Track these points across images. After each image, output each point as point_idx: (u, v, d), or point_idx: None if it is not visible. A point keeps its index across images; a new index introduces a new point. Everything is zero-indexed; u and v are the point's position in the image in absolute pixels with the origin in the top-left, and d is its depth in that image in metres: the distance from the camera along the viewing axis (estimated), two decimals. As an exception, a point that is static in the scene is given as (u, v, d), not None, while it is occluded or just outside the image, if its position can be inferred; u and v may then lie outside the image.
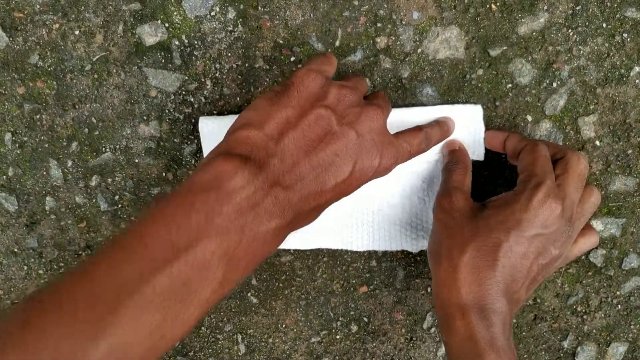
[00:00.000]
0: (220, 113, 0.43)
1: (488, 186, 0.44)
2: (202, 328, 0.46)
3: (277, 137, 0.30)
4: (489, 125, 0.43)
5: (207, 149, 0.42)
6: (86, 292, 0.24)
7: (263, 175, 0.28)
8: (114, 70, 0.42)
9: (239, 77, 0.42)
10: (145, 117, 0.43)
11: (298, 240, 0.44)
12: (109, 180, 0.44)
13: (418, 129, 0.38)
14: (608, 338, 0.48)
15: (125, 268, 0.24)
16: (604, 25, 0.41)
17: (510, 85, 0.42)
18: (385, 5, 0.41)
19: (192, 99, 0.42)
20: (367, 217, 0.44)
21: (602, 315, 0.47)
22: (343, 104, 0.33)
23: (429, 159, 0.42)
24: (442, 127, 0.40)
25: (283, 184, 0.29)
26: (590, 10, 0.41)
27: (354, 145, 0.32)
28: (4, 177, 0.44)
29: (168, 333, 0.25)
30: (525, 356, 0.47)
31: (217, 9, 0.41)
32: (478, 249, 0.35)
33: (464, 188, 0.39)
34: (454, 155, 0.41)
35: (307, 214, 0.31)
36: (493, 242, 0.35)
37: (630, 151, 0.44)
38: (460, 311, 0.34)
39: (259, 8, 0.41)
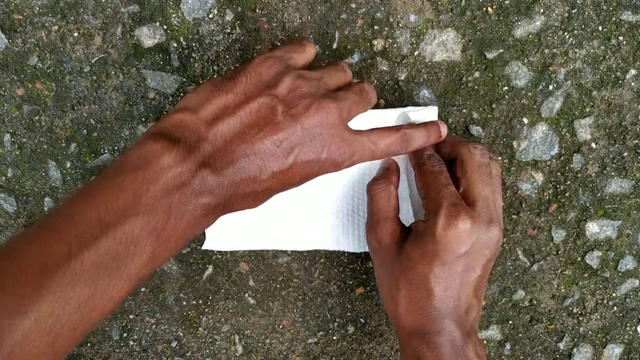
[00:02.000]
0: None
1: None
2: (200, 329, 0.47)
3: (210, 122, 0.30)
4: (485, 128, 0.43)
5: None
6: (14, 268, 0.25)
7: (192, 157, 0.28)
8: (113, 72, 0.42)
9: (237, 79, 0.42)
10: (143, 119, 0.43)
11: (295, 241, 0.44)
12: (108, 181, 0.44)
13: (395, 129, 0.36)
14: (604, 339, 0.48)
15: (52, 245, 0.25)
16: (600, 28, 0.42)
17: (506, 87, 0.43)
18: (383, 8, 0.41)
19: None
20: (362, 219, 0.44)
21: (598, 316, 0.47)
22: (294, 95, 0.32)
23: None
24: (428, 130, 0.38)
25: (213, 166, 0.29)
26: (586, 13, 0.41)
27: (297, 138, 0.31)
28: (3, 178, 0.44)
29: (98, 306, 0.26)
30: (521, 357, 0.48)
31: (215, 12, 0.41)
32: (410, 284, 0.35)
33: (389, 215, 0.38)
34: (379, 174, 0.40)
35: (242, 198, 0.31)
36: (420, 275, 0.35)
37: (626, 153, 0.44)
38: (408, 338, 0.36)
39: (257, 10, 0.41)
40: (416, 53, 0.42)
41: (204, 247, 0.43)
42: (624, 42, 0.42)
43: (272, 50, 0.35)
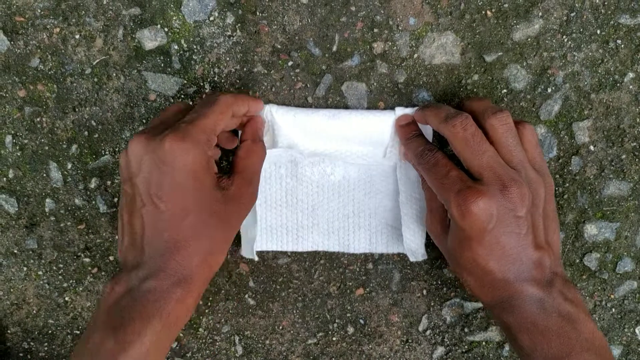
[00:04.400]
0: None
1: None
2: (200, 329, 0.47)
3: (121, 246, 0.35)
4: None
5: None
6: None
7: (124, 273, 0.34)
8: (114, 74, 0.42)
9: (238, 81, 0.43)
10: (144, 121, 0.43)
11: (296, 242, 0.44)
12: (108, 182, 0.44)
13: (205, 104, 0.36)
14: (602, 341, 0.48)
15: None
16: (598, 31, 0.42)
17: (505, 90, 0.43)
18: (382, 11, 0.41)
19: (191, 103, 0.43)
20: (363, 221, 0.44)
21: (597, 318, 0.47)
22: (124, 169, 0.35)
23: None
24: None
25: (139, 265, 0.33)
26: (585, 17, 0.42)
27: (142, 186, 0.33)
28: (5, 179, 0.44)
29: None
30: (519, 359, 0.48)
31: (216, 14, 0.41)
32: (466, 269, 0.36)
33: (435, 205, 0.39)
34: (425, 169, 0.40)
35: (177, 259, 0.33)
36: (469, 260, 0.35)
37: (624, 156, 0.44)
38: (492, 311, 0.37)
39: (257, 13, 0.41)
40: (415, 56, 0.42)
41: (242, 254, 0.43)
42: (622, 46, 0.42)
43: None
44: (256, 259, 0.42)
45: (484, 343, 0.47)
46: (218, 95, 0.36)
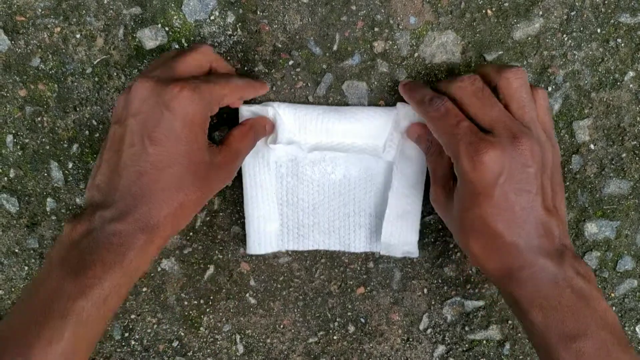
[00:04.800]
0: (219, 115, 0.43)
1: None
2: (201, 328, 0.47)
3: (92, 183, 0.34)
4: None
5: None
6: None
7: (86, 212, 0.33)
8: (115, 74, 0.42)
9: (238, 80, 0.43)
10: (145, 120, 0.43)
11: (297, 241, 0.44)
12: (109, 181, 0.44)
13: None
14: (602, 339, 0.48)
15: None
16: (599, 30, 0.42)
17: (505, 89, 0.43)
18: (383, 10, 0.41)
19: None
20: (364, 220, 0.44)
21: (597, 316, 0.47)
22: (119, 109, 0.34)
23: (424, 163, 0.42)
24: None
25: (104, 205, 0.32)
26: (585, 15, 0.42)
27: (136, 127, 0.33)
28: (6, 178, 0.44)
29: (40, 345, 0.29)
30: (520, 357, 0.48)
31: (217, 13, 0.41)
32: (474, 231, 0.34)
33: (438, 174, 0.39)
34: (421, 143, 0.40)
35: (146, 207, 0.32)
36: (478, 219, 0.34)
37: (624, 154, 0.44)
38: (500, 284, 0.35)
39: (258, 12, 0.41)
40: (416, 55, 0.42)
41: (248, 252, 0.43)
42: (622, 44, 0.42)
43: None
44: (263, 252, 0.43)
45: (484, 342, 0.48)
46: (233, 75, 0.37)
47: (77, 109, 0.43)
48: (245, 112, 0.40)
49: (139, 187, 0.32)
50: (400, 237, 0.43)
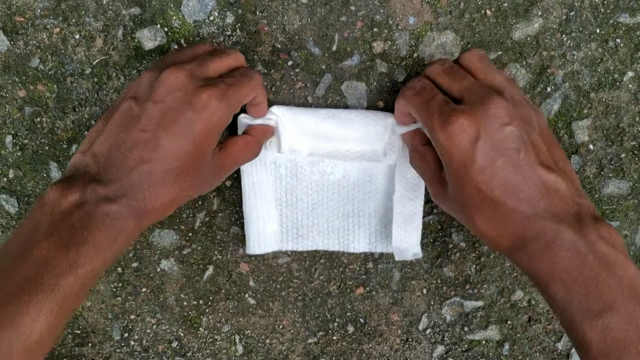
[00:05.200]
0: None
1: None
2: (200, 329, 0.47)
3: (88, 148, 0.33)
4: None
5: None
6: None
7: (78, 181, 0.32)
8: (114, 74, 0.42)
9: (237, 81, 0.43)
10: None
11: (296, 242, 0.44)
12: (109, 182, 0.44)
13: (245, 75, 0.36)
14: (602, 339, 0.48)
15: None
16: (598, 30, 0.42)
17: (505, 89, 0.43)
18: (382, 11, 0.41)
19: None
20: (363, 220, 0.44)
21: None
22: (141, 87, 0.34)
23: None
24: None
25: (99, 179, 0.32)
26: (584, 16, 0.42)
27: (156, 114, 0.32)
28: (5, 179, 0.44)
29: (26, 324, 0.29)
30: (520, 357, 0.48)
31: (216, 14, 0.41)
32: (474, 206, 0.33)
33: (427, 170, 0.37)
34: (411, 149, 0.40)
35: (144, 194, 0.32)
36: (473, 192, 0.32)
37: (623, 155, 0.44)
38: (516, 259, 0.33)
39: (257, 13, 0.41)
40: (415, 55, 0.42)
41: (247, 252, 0.43)
42: (622, 45, 0.42)
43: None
44: (262, 252, 0.43)
45: (484, 342, 0.48)
46: (255, 72, 0.37)
47: (77, 110, 0.43)
48: (244, 120, 0.40)
49: (139, 174, 0.32)
50: (410, 240, 0.43)
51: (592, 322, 0.29)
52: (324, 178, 0.43)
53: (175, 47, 0.42)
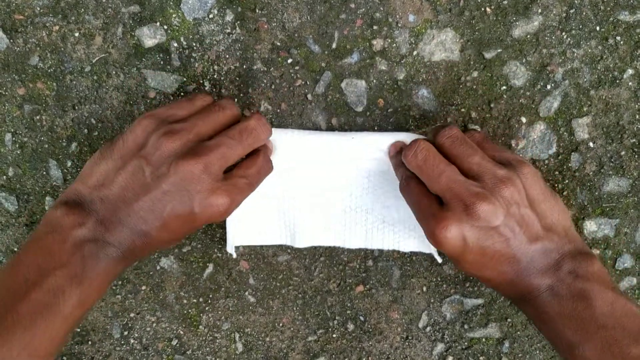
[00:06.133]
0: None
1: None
2: (200, 327, 0.47)
3: (98, 188, 0.35)
4: (483, 127, 0.44)
5: None
6: None
7: (89, 218, 0.34)
8: (113, 72, 0.42)
9: (237, 78, 0.43)
10: (144, 118, 0.43)
11: (293, 237, 0.44)
12: (108, 180, 0.44)
13: (255, 156, 0.38)
14: (602, 337, 0.48)
15: None
16: (598, 28, 0.42)
17: (504, 87, 0.43)
18: (382, 8, 0.41)
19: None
20: (360, 216, 0.44)
21: (596, 314, 0.47)
22: (160, 154, 0.34)
23: None
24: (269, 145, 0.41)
25: (106, 225, 0.34)
26: (584, 13, 0.42)
27: (166, 196, 0.34)
28: (4, 177, 0.44)
29: (41, 346, 0.31)
30: (520, 355, 0.48)
31: (215, 12, 0.41)
32: (482, 274, 0.36)
33: (428, 211, 0.39)
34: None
35: (140, 249, 0.35)
36: (477, 266, 0.35)
37: (623, 152, 0.44)
38: (518, 305, 0.37)
39: (257, 11, 0.41)
40: (415, 53, 0.42)
41: (228, 250, 0.43)
42: (622, 42, 0.42)
43: (158, 107, 0.39)
44: (234, 255, 0.44)
45: (484, 339, 0.48)
46: (268, 163, 0.39)
47: (76, 108, 0.43)
48: None
49: (140, 239, 0.34)
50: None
51: (572, 352, 0.33)
52: (321, 174, 0.43)
53: (175, 45, 0.42)
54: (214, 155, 0.34)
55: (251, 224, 0.44)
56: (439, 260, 0.43)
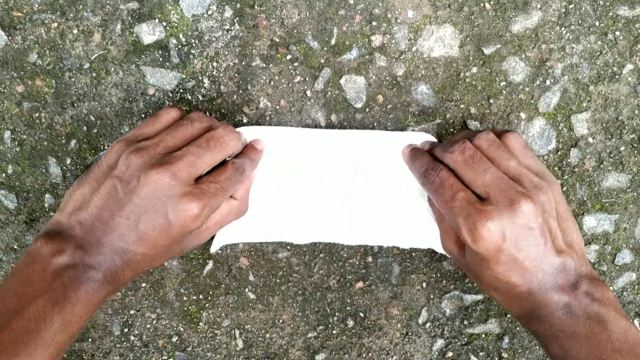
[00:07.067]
0: (218, 111, 0.43)
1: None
2: (200, 324, 0.47)
3: (75, 213, 0.35)
4: (482, 123, 0.44)
5: None
6: None
7: (68, 244, 0.34)
8: (112, 69, 0.42)
9: (236, 75, 0.43)
10: (143, 115, 0.43)
11: (292, 233, 0.44)
12: (108, 177, 0.44)
13: (225, 165, 0.38)
14: (601, 333, 0.48)
15: None
16: (597, 23, 0.42)
17: (504, 83, 0.43)
18: (381, 4, 0.41)
19: (189, 97, 0.43)
20: (358, 214, 0.44)
21: (595, 310, 0.47)
22: (129, 171, 0.35)
23: None
24: (249, 153, 0.41)
25: (85, 248, 0.34)
26: (583, 8, 0.42)
27: (139, 208, 0.34)
28: (4, 174, 0.44)
29: None
30: (519, 351, 0.48)
31: (214, 8, 0.41)
32: (491, 285, 0.36)
33: (445, 228, 0.40)
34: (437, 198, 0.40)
35: (122, 269, 0.35)
36: (492, 278, 0.35)
37: (622, 148, 0.44)
38: (526, 323, 0.37)
39: (256, 7, 0.41)
40: (414, 49, 0.42)
41: (212, 251, 0.43)
42: (621, 37, 0.42)
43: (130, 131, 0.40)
44: (213, 251, 0.44)
45: (483, 335, 0.48)
46: (241, 172, 0.39)
47: (75, 105, 0.43)
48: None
49: (120, 255, 0.35)
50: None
51: None
52: (320, 171, 0.43)
53: (174, 41, 0.42)
54: (182, 164, 0.35)
55: (243, 222, 0.43)
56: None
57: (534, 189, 0.35)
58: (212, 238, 0.43)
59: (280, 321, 0.47)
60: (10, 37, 0.41)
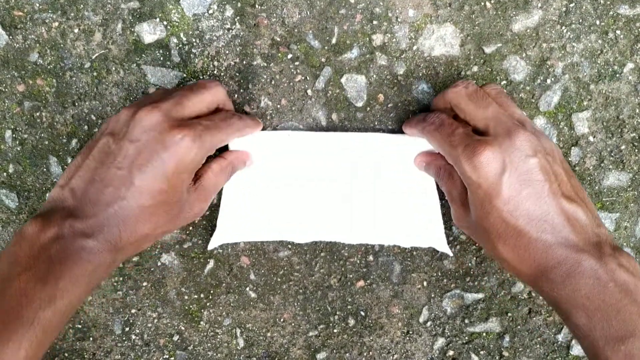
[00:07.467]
0: (219, 110, 0.43)
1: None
2: (201, 323, 0.47)
3: (69, 181, 0.34)
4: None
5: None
6: None
7: (56, 216, 0.32)
8: (113, 68, 0.42)
9: (237, 74, 0.43)
10: (144, 114, 0.43)
11: (292, 232, 0.44)
12: (109, 176, 0.44)
13: (213, 112, 0.38)
14: (602, 331, 0.48)
15: None
16: (597, 22, 0.42)
17: (504, 81, 0.43)
18: (381, 3, 0.41)
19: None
20: (358, 212, 0.44)
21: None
22: (119, 123, 0.35)
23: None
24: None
25: (76, 215, 0.33)
26: (584, 7, 0.42)
27: (131, 152, 0.33)
28: (5, 174, 0.44)
29: (5, 357, 0.29)
30: (520, 349, 0.48)
31: (215, 7, 0.41)
32: (498, 234, 0.34)
33: (453, 192, 0.39)
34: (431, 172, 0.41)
35: (118, 230, 0.33)
36: (498, 221, 0.33)
37: (623, 147, 0.44)
38: (538, 287, 0.34)
39: (257, 6, 0.41)
40: (415, 48, 0.42)
41: (209, 247, 0.43)
42: (621, 36, 0.42)
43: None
44: (210, 248, 0.43)
45: (484, 334, 0.48)
46: (234, 115, 0.38)
47: (76, 104, 0.43)
48: (235, 146, 0.42)
49: (115, 211, 0.33)
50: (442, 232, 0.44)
51: (615, 347, 0.30)
52: (319, 170, 0.43)
53: (175, 41, 0.42)
54: (170, 103, 0.35)
55: (243, 221, 0.43)
56: (450, 253, 0.43)
57: (537, 132, 0.35)
58: (211, 235, 0.43)
59: (281, 320, 0.47)
60: (11, 37, 0.41)
